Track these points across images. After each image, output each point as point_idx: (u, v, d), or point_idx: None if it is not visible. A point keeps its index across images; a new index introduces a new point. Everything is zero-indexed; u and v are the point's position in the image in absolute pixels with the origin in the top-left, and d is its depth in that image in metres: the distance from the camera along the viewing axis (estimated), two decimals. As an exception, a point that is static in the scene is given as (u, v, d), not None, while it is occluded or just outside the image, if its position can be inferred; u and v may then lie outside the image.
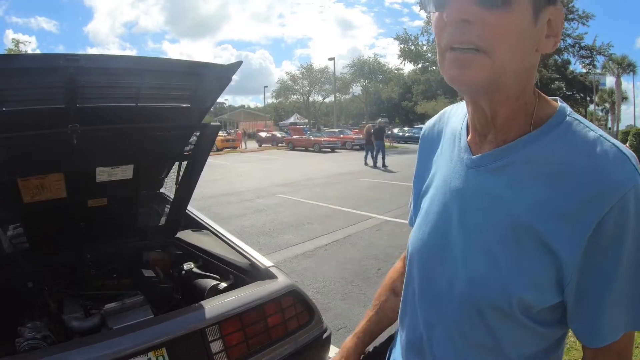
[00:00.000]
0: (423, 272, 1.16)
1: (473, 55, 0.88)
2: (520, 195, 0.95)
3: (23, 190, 2.67)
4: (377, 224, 9.27)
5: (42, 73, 2.17)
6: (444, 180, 1.13)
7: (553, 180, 0.92)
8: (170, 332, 2.14)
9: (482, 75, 0.89)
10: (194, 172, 3.12)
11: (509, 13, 0.86)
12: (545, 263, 0.92)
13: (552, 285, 0.93)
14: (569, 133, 0.95)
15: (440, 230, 1.10)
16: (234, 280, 2.88)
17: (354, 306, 5.13)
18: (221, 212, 10.52)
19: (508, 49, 0.88)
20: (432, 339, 1.13)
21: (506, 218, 0.96)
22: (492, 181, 1.00)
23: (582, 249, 0.88)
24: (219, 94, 2.79)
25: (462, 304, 1.04)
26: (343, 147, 36.65)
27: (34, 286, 2.92)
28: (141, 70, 2.42)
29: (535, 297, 0.94)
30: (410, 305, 1.24)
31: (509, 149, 0.99)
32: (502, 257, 0.96)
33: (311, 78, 66.38)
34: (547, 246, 0.91)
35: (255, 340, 2.38)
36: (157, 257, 3.38)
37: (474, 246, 1.01)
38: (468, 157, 1.07)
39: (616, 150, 0.89)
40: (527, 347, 1.02)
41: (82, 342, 2.09)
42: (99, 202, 3.09)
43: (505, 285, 0.95)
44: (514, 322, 0.98)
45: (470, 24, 0.87)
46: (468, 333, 1.05)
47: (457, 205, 1.07)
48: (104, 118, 2.55)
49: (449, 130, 1.21)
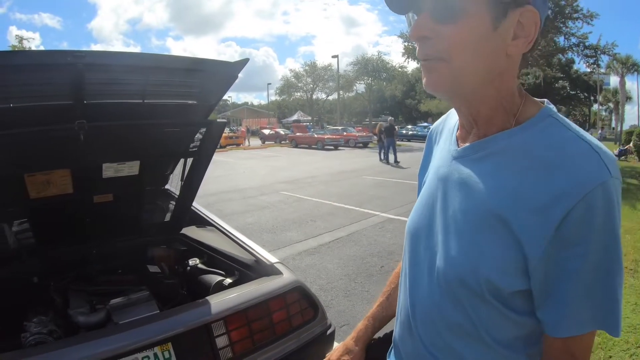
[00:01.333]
0: (411, 253, 1.26)
1: (435, 64, 1.01)
2: (494, 185, 1.02)
3: (30, 186, 2.68)
4: (381, 221, 9.27)
5: (50, 70, 2.18)
6: (435, 170, 1.24)
7: (526, 173, 0.97)
8: (176, 327, 2.15)
9: (442, 79, 1.02)
10: (200, 169, 3.13)
11: (461, 25, 0.96)
12: (512, 250, 0.97)
13: (518, 271, 0.98)
14: (547, 130, 1.00)
15: (427, 215, 1.21)
16: (239, 276, 2.88)
17: (357, 303, 5.14)
18: (224, 209, 10.54)
19: (464, 55, 0.98)
20: (416, 316, 1.22)
21: (480, 205, 1.03)
22: (471, 170, 1.09)
23: (548, 241, 0.92)
24: (225, 91, 2.80)
25: (439, 283, 1.11)
26: (346, 145, 36.61)
27: (40, 281, 2.93)
28: (148, 67, 2.42)
29: (502, 280, 0.99)
30: (402, 287, 1.34)
31: (488, 141, 1.07)
32: (474, 240, 1.03)
33: (315, 75, 66.24)
34: (514, 235, 0.96)
35: (260, 335, 2.39)
36: (162, 253, 3.39)
37: (451, 229, 1.09)
38: (454, 148, 1.18)
39: (588, 148, 0.93)
40: (501, 332, 1.06)
41: (88, 337, 2.09)
42: (105, 198, 3.10)
43: (474, 265, 1.02)
44: (485, 302, 1.03)
45: (428, 39, 1.00)
46: (446, 312, 1.11)
47: (440, 192, 1.17)
48: (111, 114, 2.56)
49: (446, 127, 1.33)
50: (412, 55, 39.49)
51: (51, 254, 3.08)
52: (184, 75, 2.60)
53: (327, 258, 6.80)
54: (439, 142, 1.34)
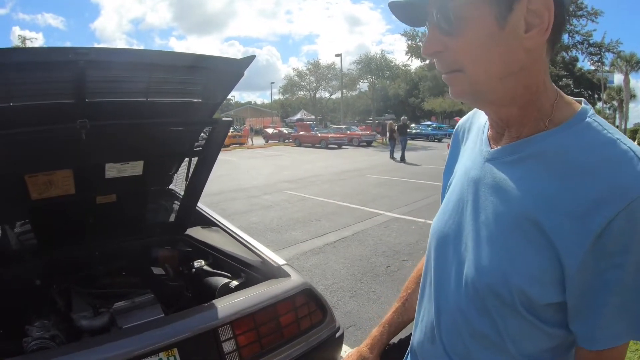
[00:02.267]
0: (438, 259, 1.20)
1: (452, 75, 1.00)
2: (529, 189, 0.96)
3: (31, 186, 2.64)
4: (386, 220, 9.21)
5: (51, 67, 2.14)
6: (465, 172, 1.17)
7: (563, 177, 0.92)
8: (182, 332, 2.11)
9: (462, 89, 1.00)
10: (205, 169, 3.09)
11: (464, 34, 0.94)
12: (547, 258, 0.92)
13: (553, 281, 0.92)
14: (585, 133, 0.95)
15: (456, 219, 1.15)
16: (246, 279, 2.84)
17: (363, 304, 5.10)
18: (228, 208, 10.51)
19: (476, 62, 0.95)
20: (441, 324, 1.17)
21: (514, 210, 0.98)
22: (505, 173, 1.03)
23: (586, 250, 0.86)
24: (231, 88, 2.75)
25: (467, 291, 1.06)
26: (350, 144, 36.58)
27: (42, 284, 2.89)
28: (152, 64, 2.37)
29: (536, 290, 0.94)
30: (426, 292, 1.27)
31: (523, 143, 1.01)
32: (507, 247, 0.98)
33: (318, 74, 66.17)
34: (550, 242, 0.91)
35: (267, 339, 2.35)
36: (166, 254, 3.35)
37: (483, 235, 1.04)
38: (486, 150, 1.11)
39: (631, 154, 0.88)
40: (530, 345, 1.01)
41: (91, 343, 2.07)
42: (108, 198, 3.06)
43: (507, 274, 0.96)
44: (515, 313, 0.98)
45: (441, 54, 0.99)
46: (472, 321, 1.06)
47: (471, 195, 1.10)
48: (113, 113, 2.51)
49: (476, 125, 1.26)
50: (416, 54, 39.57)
51: (53, 255, 3.04)
52: (188, 73, 2.55)
53: (333, 258, 6.75)
54: (466, 141, 1.29)
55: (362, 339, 4.25)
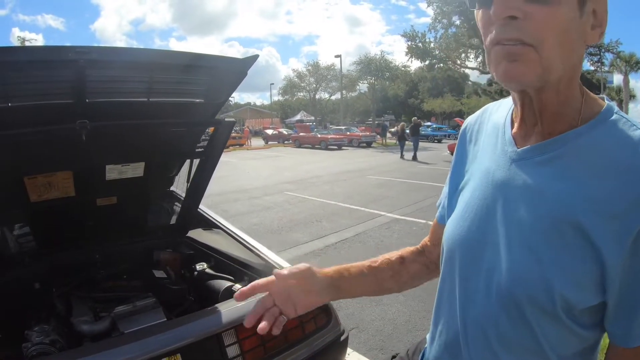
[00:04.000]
0: (463, 268, 1.12)
1: (521, 48, 0.87)
2: (566, 189, 0.93)
3: (30, 188, 2.61)
4: (387, 221, 9.19)
5: (50, 66, 2.11)
6: (486, 174, 1.10)
7: (600, 176, 0.90)
8: (185, 337, 2.09)
9: (530, 71, 0.89)
10: (207, 170, 3.06)
11: (555, 8, 0.85)
12: (589, 260, 0.89)
13: (595, 284, 0.90)
14: (616, 130, 0.93)
15: (481, 224, 1.08)
16: (249, 282, 2.79)
17: (366, 306, 5.06)
18: (229, 210, 10.49)
19: (555, 43, 0.87)
20: (468, 337, 1.11)
21: (551, 212, 0.93)
22: (537, 174, 0.98)
23: (627, 250, 0.85)
24: (234, 88, 2.72)
25: (501, 299, 1.00)
26: (350, 145, 36.64)
27: (42, 287, 2.86)
28: (153, 63, 2.34)
29: (577, 295, 0.91)
30: (446, 305, 1.20)
31: (556, 142, 0.97)
32: (545, 252, 0.93)
33: (318, 75, 66.31)
34: (592, 243, 0.88)
35: (272, 344, 2.32)
36: (168, 257, 3.32)
37: (516, 240, 0.98)
38: (513, 150, 1.05)
39: None
40: (566, 349, 0.99)
41: (92, 349, 2.04)
42: (109, 200, 3.04)
43: (548, 281, 0.92)
44: (555, 320, 0.95)
45: (517, 20, 0.87)
46: (505, 332, 1.01)
47: (500, 199, 1.04)
48: (114, 114, 2.48)
49: (490, 125, 1.19)
50: (416, 55, 39.62)
51: (53, 258, 3.00)
52: (190, 73, 2.51)
53: (334, 259, 6.69)
54: (477, 142, 1.22)
55: (365, 341, 4.21)
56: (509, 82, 0.93)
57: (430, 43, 39.12)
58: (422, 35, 38.93)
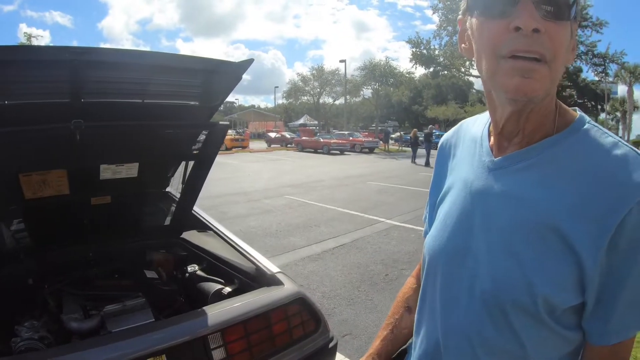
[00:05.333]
0: (444, 276, 1.15)
1: (536, 64, 0.90)
2: (544, 195, 0.96)
3: (25, 186, 2.62)
4: (385, 228, 9.18)
5: (47, 66, 2.12)
6: (464, 185, 1.14)
7: (576, 182, 0.94)
8: (171, 338, 2.09)
9: (541, 86, 0.92)
10: (201, 172, 3.06)
11: (565, 25, 0.92)
12: (569, 263, 0.92)
13: (575, 284, 0.93)
14: (589, 137, 0.98)
15: (462, 233, 1.10)
16: (239, 285, 2.81)
17: (361, 312, 5.06)
18: (228, 212, 10.51)
19: (561, 60, 0.93)
20: (450, 347, 1.12)
21: (531, 218, 0.97)
22: (515, 182, 1.02)
23: (604, 251, 0.89)
24: (228, 92, 2.72)
25: (485, 305, 1.03)
26: (352, 150, 36.64)
27: (34, 283, 2.87)
28: (149, 65, 2.35)
29: (559, 296, 0.94)
30: (427, 314, 1.22)
31: (533, 149, 1.01)
32: (527, 256, 0.96)
33: (322, 80, 66.37)
34: (571, 246, 0.92)
35: (259, 348, 2.32)
36: (160, 258, 3.32)
37: (498, 247, 1.01)
38: (490, 159, 1.09)
39: (635, 154, 0.93)
40: (551, 352, 1.02)
41: (78, 346, 2.05)
42: (103, 200, 3.04)
43: (530, 284, 0.95)
44: (539, 323, 0.97)
45: (539, 34, 0.89)
46: (490, 338, 1.03)
47: (479, 208, 1.07)
48: (109, 114, 2.49)
49: (468, 138, 1.23)
50: (420, 61, 39.59)
51: (47, 255, 3.01)
52: (186, 75, 2.53)
53: (331, 265, 6.70)
54: (455, 155, 1.26)
55: (358, 348, 4.21)
56: (519, 96, 0.94)
57: (435, 50, 39.08)
58: (427, 42, 38.90)
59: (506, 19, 0.91)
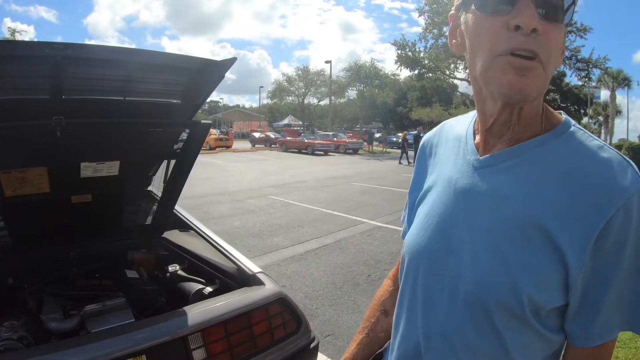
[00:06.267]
0: (425, 277, 1.12)
1: (532, 63, 0.91)
2: (530, 194, 0.96)
3: (4, 183, 2.59)
4: (368, 229, 9.22)
5: (27, 61, 2.09)
6: (447, 183, 1.12)
7: (562, 181, 0.94)
8: (151, 338, 2.06)
9: (535, 85, 0.93)
10: (183, 171, 3.04)
11: (561, 27, 0.94)
12: (554, 262, 0.92)
13: (560, 284, 0.94)
14: (575, 140, 0.99)
15: (444, 233, 1.09)
16: (220, 285, 2.80)
17: (343, 313, 5.07)
18: (211, 212, 10.47)
19: (554, 61, 0.95)
20: (431, 349, 1.09)
21: (516, 216, 0.96)
22: (501, 180, 1.02)
23: (588, 252, 0.90)
24: (211, 90, 2.70)
25: (468, 306, 1.01)
26: (336, 151, 36.72)
27: (14, 283, 2.83)
28: (131, 62, 2.33)
29: (543, 296, 0.94)
30: (406, 316, 1.19)
31: (520, 148, 1.01)
32: (512, 256, 0.96)
33: (307, 80, 66.28)
34: (556, 245, 0.92)
35: (239, 349, 2.31)
36: (141, 258, 3.29)
37: (481, 246, 1.00)
38: (475, 158, 1.09)
39: (620, 158, 0.94)
40: (534, 354, 1.01)
41: (57, 346, 2.02)
42: (84, 198, 3.01)
43: (515, 283, 0.94)
44: (523, 324, 0.97)
45: (536, 34, 0.90)
46: (472, 340, 1.02)
47: (463, 207, 1.06)
48: (90, 111, 2.47)
49: (451, 137, 1.22)
50: (405, 64, 39.73)
51: (27, 254, 2.97)
52: (168, 73, 2.51)
53: (314, 265, 6.71)
54: (437, 154, 1.25)
55: (340, 348, 4.21)
56: (513, 92, 0.94)
57: (420, 52, 39.26)
58: (412, 45, 39.07)
59: (505, 16, 0.92)
